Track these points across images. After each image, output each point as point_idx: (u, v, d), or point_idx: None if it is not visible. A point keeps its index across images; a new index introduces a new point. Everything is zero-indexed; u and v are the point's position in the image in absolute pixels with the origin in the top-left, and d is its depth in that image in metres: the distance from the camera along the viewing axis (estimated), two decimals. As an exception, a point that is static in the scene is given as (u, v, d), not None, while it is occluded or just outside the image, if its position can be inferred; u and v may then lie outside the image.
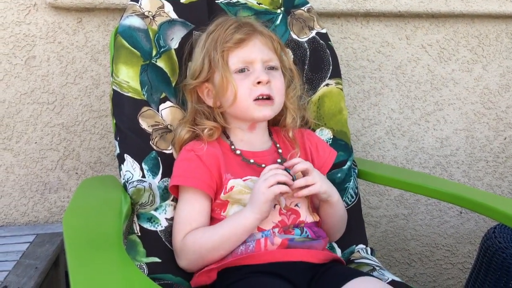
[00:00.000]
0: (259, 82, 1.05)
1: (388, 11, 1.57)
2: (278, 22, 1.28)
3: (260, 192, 0.99)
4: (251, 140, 1.12)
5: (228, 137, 1.12)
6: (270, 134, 1.17)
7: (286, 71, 1.14)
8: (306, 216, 1.07)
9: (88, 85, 1.49)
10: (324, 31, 1.31)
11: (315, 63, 1.29)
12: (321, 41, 1.30)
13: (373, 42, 1.62)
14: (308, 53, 1.29)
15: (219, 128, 1.10)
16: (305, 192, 1.02)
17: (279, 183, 0.99)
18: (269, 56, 1.09)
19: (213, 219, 1.06)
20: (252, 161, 1.08)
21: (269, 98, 1.07)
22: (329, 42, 1.31)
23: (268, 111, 1.07)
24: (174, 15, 1.20)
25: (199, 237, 1.01)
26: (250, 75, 1.06)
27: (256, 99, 1.06)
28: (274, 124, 1.18)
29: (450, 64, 1.67)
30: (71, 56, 1.47)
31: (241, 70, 1.07)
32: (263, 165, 1.07)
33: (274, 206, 1.04)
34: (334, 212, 1.10)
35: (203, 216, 1.05)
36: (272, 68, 1.09)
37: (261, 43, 1.08)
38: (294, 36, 1.28)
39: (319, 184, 1.03)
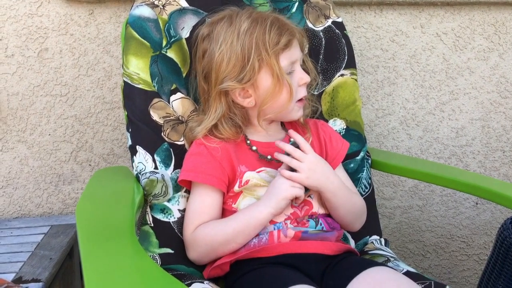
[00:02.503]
0: (303, 83, 1.07)
1: (402, -1, 1.55)
2: (294, 10, 1.27)
3: (283, 188, 0.99)
4: (265, 131, 1.11)
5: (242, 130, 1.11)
6: (282, 123, 1.16)
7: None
8: (318, 207, 1.07)
9: (101, 77, 1.50)
10: (340, 20, 1.30)
11: (330, 52, 1.28)
12: (337, 31, 1.28)
13: (387, 31, 1.59)
14: (323, 42, 1.27)
15: (239, 133, 1.09)
16: (286, 174, 1.01)
17: None
18: (301, 52, 1.10)
19: (224, 211, 1.06)
20: (269, 157, 1.07)
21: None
22: (345, 32, 1.29)
23: (302, 112, 1.11)
24: (185, 3, 1.19)
25: (210, 230, 1.01)
26: (293, 75, 1.06)
27: (299, 101, 1.08)
28: None
29: (465, 53, 1.64)
30: (83, 48, 1.48)
31: (289, 72, 1.06)
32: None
33: None
34: (334, 207, 1.07)
35: (214, 209, 1.04)
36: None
37: (298, 42, 1.08)
38: (310, 25, 1.27)
39: (304, 175, 1.01)
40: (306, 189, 1.03)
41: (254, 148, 1.08)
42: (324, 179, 1.04)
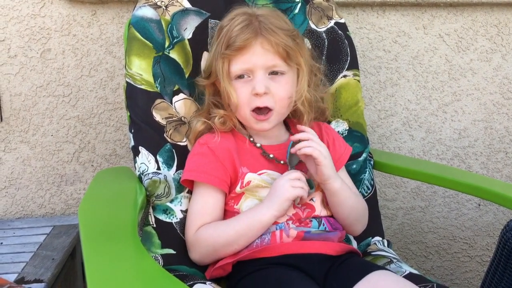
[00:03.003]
0: (254, 94, 1.03)
1: (404, 0, 1.54)
2: (296, 11, 1.27)
3: (284, 189, 0.99)
4: (267, 134, 1.11)
5: (245, 129, 1.11)
6: (288, 127, 1.15)
7: (301, 70, 1.08)
8: (320, 210, 1.07)
9: (103, 78, 1.50)
10: (342, 21, 1.30)
11: (333, 54, 1.27)
12: (340, 31, 1.28)
13: (390, 32, 1.59)
14: (326, 43, 1.27)
15: (230, 116, 1.08)
16: (308, 150, 1.00)
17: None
18: (272, 61, 1.03)
19: (226, 212, 1.06)
20: (271, 156, 1.07)
21: (267, 109, 1.04)
22: (348, 33, 1.29)
23: (266, 125, 1.06)
24: (187, 4, 1.19)
25: (213, 232, 1.01)
26: (250, 82, 1.04)
27: (254, 111, 1.04)
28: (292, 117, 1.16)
29: (468, 54, 1.64)
30: (86, 49, 1.48)
31: (241, 76, 1.04)
32: (282, 162, 1.07)
33: None
34: (338, 203, 1.06)
35: (216, 210, 1.04)
36: (276, 73, 1.04)
37: (262, 49, 1.02)
38: (313, 26, 1.27)
39: (318, 151, 1.00)
40: (310, 189, 1.03)
41: (258, 145, 1.08)
42: (333, 169, 1.05)
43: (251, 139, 1.09)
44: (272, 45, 1.03)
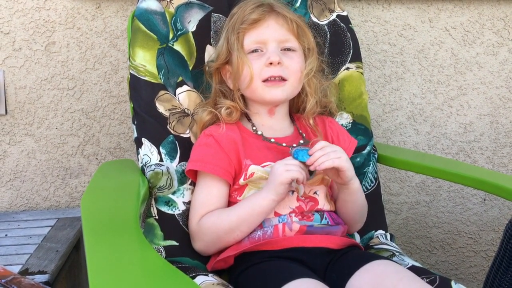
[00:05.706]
0: (270, 63, 1.04)
1: (410, -7, 1.53)
2: (298, 4, 1.26)
3: (277, 173, 0.98)
4: (272, 125, 1.11)
5: (249, 120, 1.11)
6: (293, 121, 1.15)
7: (309, 53, 1.10)
8: (324, 204, 1.06)
9: (107, 71, 1.50)
10: (344, 13, 1.29)
11: (336, 46, 1.27)
12: (342, 24, 1.28)
13: (395, 25, 1.58)
14: (328, 36, 1.26)
15: (237, 108, 1.08)
16: (328, 163, 0.96)
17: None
18: (285, 36, 1.07)
19: (230, 203, 1.06)
20: (272, 140, 1.07)
21: (281, 79, 1.05)
22: (350, 25, 1.29)
23: (278, 92, 1.06)
24: (191, -3, 1.19)
25: (216, 219, 1.01)
26: (263, 55, 1.05)
27: (265, 80, 1.05)
28: (297, 111, 1.16)
29: (474, 48, 1.62)
30: (90, 42, 1.48)
31: (255, 51, 1.06)
32: (284, 144, 1.07)
33: (292, 193, 1.03)
34: (353, 201, 1.07)
35: (220, 200, 1.05)
36: (288, 49, 1.07)
37: (276, 24, 1.07)
38: (314, 19, 1.26)
39: (338, 160, 0.98)
40: (311, 174, 1.02)
41: (259, 132, 1.08)
42: (353, 169, 1.03)
43: (254, 128, 1.09)
44: (286, 21, 1.07)
